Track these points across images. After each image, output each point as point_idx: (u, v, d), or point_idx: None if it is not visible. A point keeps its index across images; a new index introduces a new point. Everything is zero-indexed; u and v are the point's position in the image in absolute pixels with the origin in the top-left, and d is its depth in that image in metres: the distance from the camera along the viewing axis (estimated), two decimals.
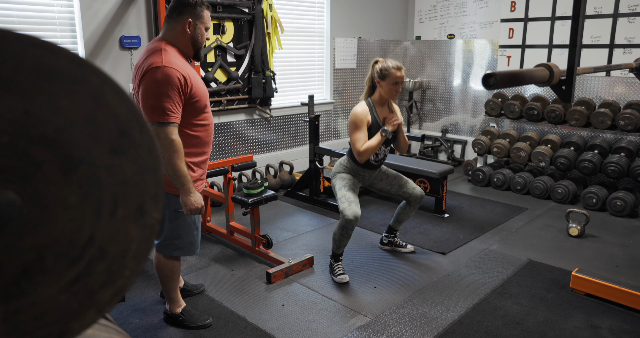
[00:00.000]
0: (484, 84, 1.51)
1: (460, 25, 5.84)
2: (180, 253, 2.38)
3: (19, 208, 0.56)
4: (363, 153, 2.88)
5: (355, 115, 2.91)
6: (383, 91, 2.93)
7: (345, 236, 2.97)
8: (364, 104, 2.97)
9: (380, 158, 3.07)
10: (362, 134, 2.89)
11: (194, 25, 2.15)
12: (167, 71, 2.00)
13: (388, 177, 3.21)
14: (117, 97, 0.60)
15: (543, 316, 2.64)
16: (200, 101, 2.16)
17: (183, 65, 2.10)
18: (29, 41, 0.54)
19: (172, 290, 2.49)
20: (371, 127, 2.94)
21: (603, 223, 4.04)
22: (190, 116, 2.15)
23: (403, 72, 2.91)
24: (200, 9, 2.15)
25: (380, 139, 2.90)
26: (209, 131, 2.28)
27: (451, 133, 6.17)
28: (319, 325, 2.55)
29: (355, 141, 2.89)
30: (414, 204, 3.26)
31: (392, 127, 2.93)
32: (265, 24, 4.60)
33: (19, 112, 0.54)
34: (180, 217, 2.27)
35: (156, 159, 0.64)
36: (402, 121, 3.00)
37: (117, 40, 3.75)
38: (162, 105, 1.99)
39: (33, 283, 0.58)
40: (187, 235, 2.33)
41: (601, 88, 4.83)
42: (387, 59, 2.95)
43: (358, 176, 3.10)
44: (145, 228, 0.64)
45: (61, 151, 0.57)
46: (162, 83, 1.99)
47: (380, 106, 3.01)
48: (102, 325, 0.78)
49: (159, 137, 2.01)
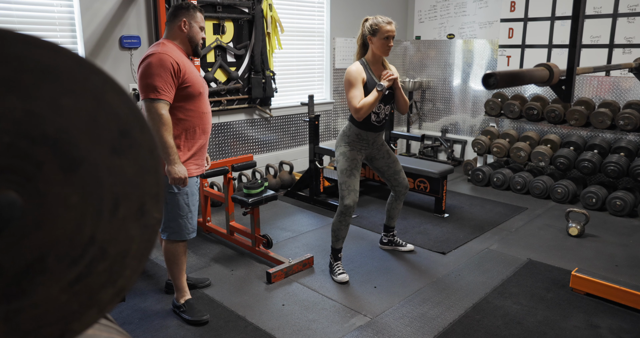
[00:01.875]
0: (484, 84, 1.51)
1: (460, 25, 5.84)
2: (176, 236, 2.52)
3: (20, 208, 0.56)
4: (360, 109, 2.79)
5: (349, 73, 2.84)
6: (375, 47, 2.87)
7: (344, 224, 2.98)
8: (357, 64, 2.90)
9: (381, 117, 2.98)
10: (357, 91, 2.82)
11: (189, 24, 2.43)
12: (161, 56, 2.27)
13: (390, 157, 3.17)
14: (118, 97, 0.60)
15: (543, 315, 2.64)
16: (193, 87, 2.37)
17: (178, 55, 2.35)
18: (30, 41, 0.54)
19: (176, 277, 2.61)
20: (367, 84, 2.86)
21: (603, 222, 4.04)
22: (183, 100, 2.36)
23: (394, 26, 2.85)
24: (194, 11, 2.44)
25: (377, 95, 2.80)
26: (203, 120, 2.46)
27: (451, 132, 6.18)
28: (319, 325, 2.55)
29: (351, 99, 2.82)
30: (400, 197, 3.29)
31: (388, 82, 2.82)
32: (265, 23, 4.60)
33: (20, 112, 0.54)
34: (174, 198, 2.43)
35: (157, 159, 0.64)
36: (398, 76, 2.92)
37: (117, 41, 3.75)
38: (154, 84, 2.24)
39: (34, 283, 0.58)
40: (180, 218, 2.47)
41: (601, 88, 4.83)
42: (376, 15, 2.90)
43: (361, 143, 2.99)
44: (146, 228, 0.64)
45: (62, 151, 0.57)
46: (156, 65, 2.25)
47: (374, 64, 2.94)
48: (102, 325, 0.78)
49: (150, 112, 2.24)
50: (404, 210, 4.36)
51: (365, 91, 2.85)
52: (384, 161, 3.16)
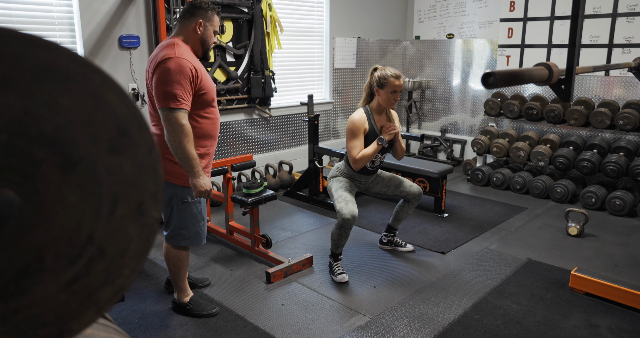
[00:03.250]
0: (483, 83, 1.51)
1: (459, 25, 5.84)
2: (188, 242, 2.48)
3: (18, 206, 0.55)
4: (358, 161, 2.90)
5: (352, 123, 2.92)
6: (381, 99, 2.94)
7: (343, 236, 2.97)
8: (361, 112, 2.98)
9: (376, 164, 3.09)
10: (358, 142, 2.91)
11: (204, 26, 2.31)
12: (180, 62, 2.14)
13: (383, 180, 3.22)
14: (116, 96, 0.60)
15: (542, 315, 2.64)
16: (208, 94, 2.30)
17: (194, 59, 2.25)
18: (28, 40, 0.54)
19: (180, 279, 2.59)
20: (368, 135, 2.95)
21: (602, 222, 4.04)
22: (197, 108, 2.27)
23: (402, 81, 2.92)
24: (211, 13, 2.32)
25: (377, 148, 2.92)
26: (215, 125, 2.40)
27: (450, 132, 6.18)
28: (319, 325, 2.55)
29: (351, 149, 2.92)
30: (413, 202, 3.27)
31: (389, 136, 2.93)
32: (265, 23, 4.60)
33: (18, 111, 0.54)
34: (187, 208, 2.39)
35: (155, 159, 0.64)
36: (400, 129, 3.01)
37: (116, 40, 3.75)
38: (174, 92, 2.11)
39: (32, 282, 0.58)
40: (193, 225, 2.44)
41: (600, 88, 4.83)
42: (386, 67, 2.95)
43: (354, 181, 3.12)
44: (145, 227, 0.64)
45: (60, 149, 0.57)
46: (175, 72, 2.12)
47: (378, 114, 3.02)
48: (101, 324, 0.78)
49: (170, 122, 2.11)
50: None
51: (366, 140, 2.95)
52: (379, 186, 3.23)
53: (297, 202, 4.56)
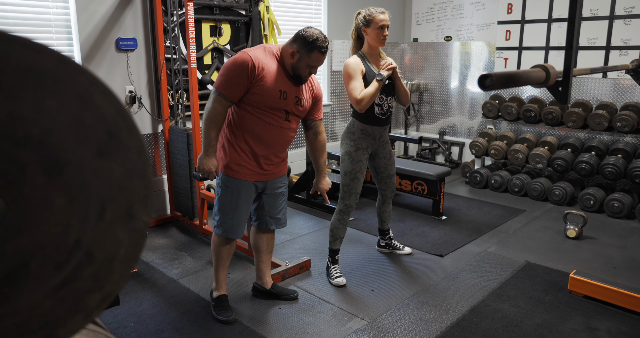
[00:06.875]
0: (480, 85, 1.50)
1: (457, 28, 5.85)
2: (219, 231, 2.54)
3: (2, 212, 0.54)
4: (361, 100, 2.75)
5: (347, 66, 2.81)
6: (370, 38, 2.84)
7: (342, 223, 3.00)
8: (355, 57, 2.87)
9: (385, 109, 2.94)
10: (357, 82, 2.78)
11: (298, 57, 2.35)
12: (243, 56, 2.28)
13: (390, 158, 3.15)
14: (104, 98, 0.59)
15: (541, 318, 2.63)
16: (262, 97, 2.32)
17: (267, 61, 2.33)
18: (15, 41, 0.53)
19: (216, 269, 2.66)
20: (366, 76, 2.83)
21: (600, 224, 4.03)
22: (248, 103, 2.35)
23: (387, 16, 2.82)
24: (311, 50, 2.32)
25: (378, 85, 2.77)
26: (268, 131, 2.40)
27: (449, 135, 6.17)
28: (316, 328, 2.54)
29: (352, 91, 2.78)
30: (387, 200, 3.31)
31: (388, 71, 2.80)
32: (262, 26, 4.60)
33: (3, 113, 0.53)
34: (222, 194, 2.48)
35: (145, 162, 0.63)
36: (397, 65, 2.89)
37: (114, 43, 3.74)
38: (222, 77, 2.30)
39: (17, 289, 0.56)
40: (223, 214, 2.50)
41: (598, 90, 4.84)
42: (368, 7, 2.87)
43: (367, 140, 2.96)
44: (134, 232, 0.63)
45: (46, 153, 0.55)
46: (234, 62, 2.28)
47: (371, 56, 2.91)
48: (90, 330, 0.77)
49: (209, 99, 2.33)
50: (402, 212, 4.35)
51: (365, 83, 2.82)
52: (384, 161, 3.14)
53: (294, 205, 4.54)
